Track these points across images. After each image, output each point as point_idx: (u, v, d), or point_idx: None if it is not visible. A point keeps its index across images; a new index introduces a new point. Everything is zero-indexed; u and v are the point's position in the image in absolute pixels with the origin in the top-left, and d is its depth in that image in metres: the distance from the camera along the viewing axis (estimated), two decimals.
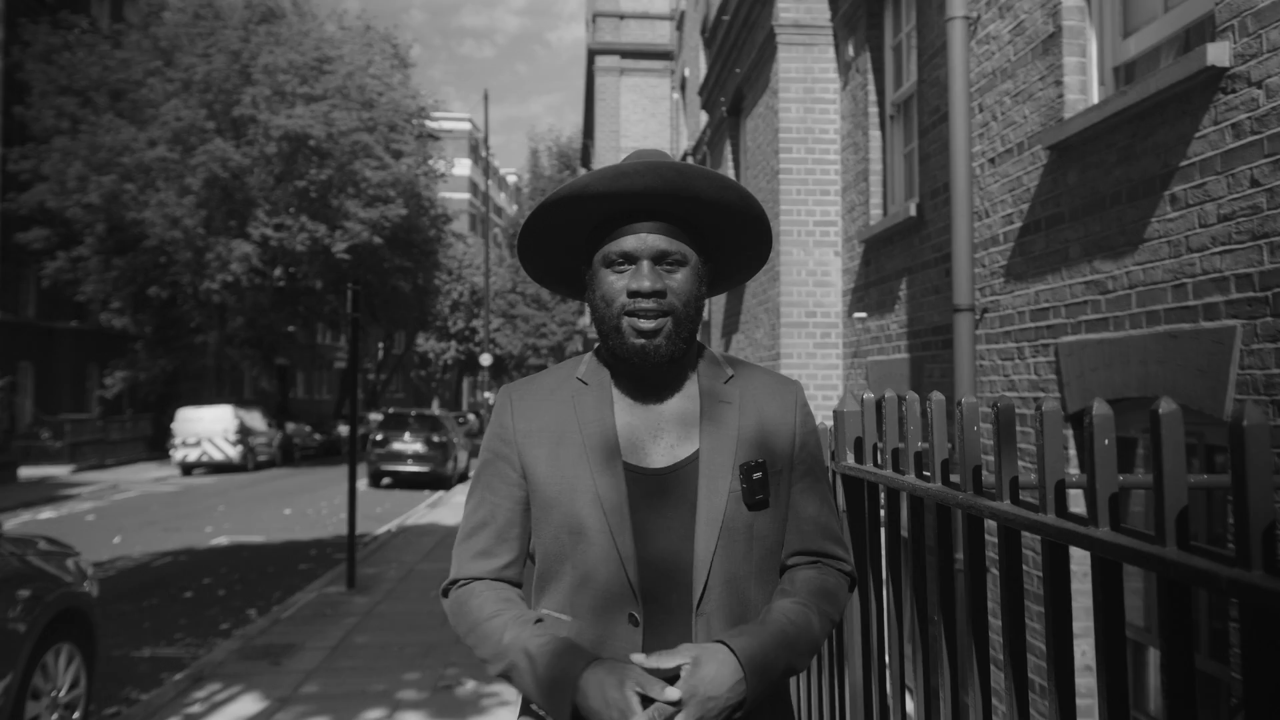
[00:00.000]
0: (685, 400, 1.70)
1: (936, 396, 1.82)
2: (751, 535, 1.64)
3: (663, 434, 1.68)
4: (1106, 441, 1.24)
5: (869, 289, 7.68)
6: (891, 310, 7.11)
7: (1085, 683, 4.48)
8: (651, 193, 1.61)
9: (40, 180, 26.98)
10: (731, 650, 1.49)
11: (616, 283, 1.63)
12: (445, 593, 1.76)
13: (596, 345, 1.77)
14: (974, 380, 5.31)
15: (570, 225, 1.70)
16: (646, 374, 1.67)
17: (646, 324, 1.59)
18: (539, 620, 1.63)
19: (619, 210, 1.64)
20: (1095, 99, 4.63)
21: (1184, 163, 3.72)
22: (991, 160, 5.40)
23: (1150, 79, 3.83)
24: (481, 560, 1.72)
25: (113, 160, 26.44)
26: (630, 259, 1.62)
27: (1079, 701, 4.37)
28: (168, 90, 27.09)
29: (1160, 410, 1.09)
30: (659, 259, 1.62)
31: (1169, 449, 1.09)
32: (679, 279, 1.63)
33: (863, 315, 7.79)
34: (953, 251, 5.39)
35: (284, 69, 27.39)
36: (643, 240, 1.62)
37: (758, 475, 1.65)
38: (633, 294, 1.60)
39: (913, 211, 6.49)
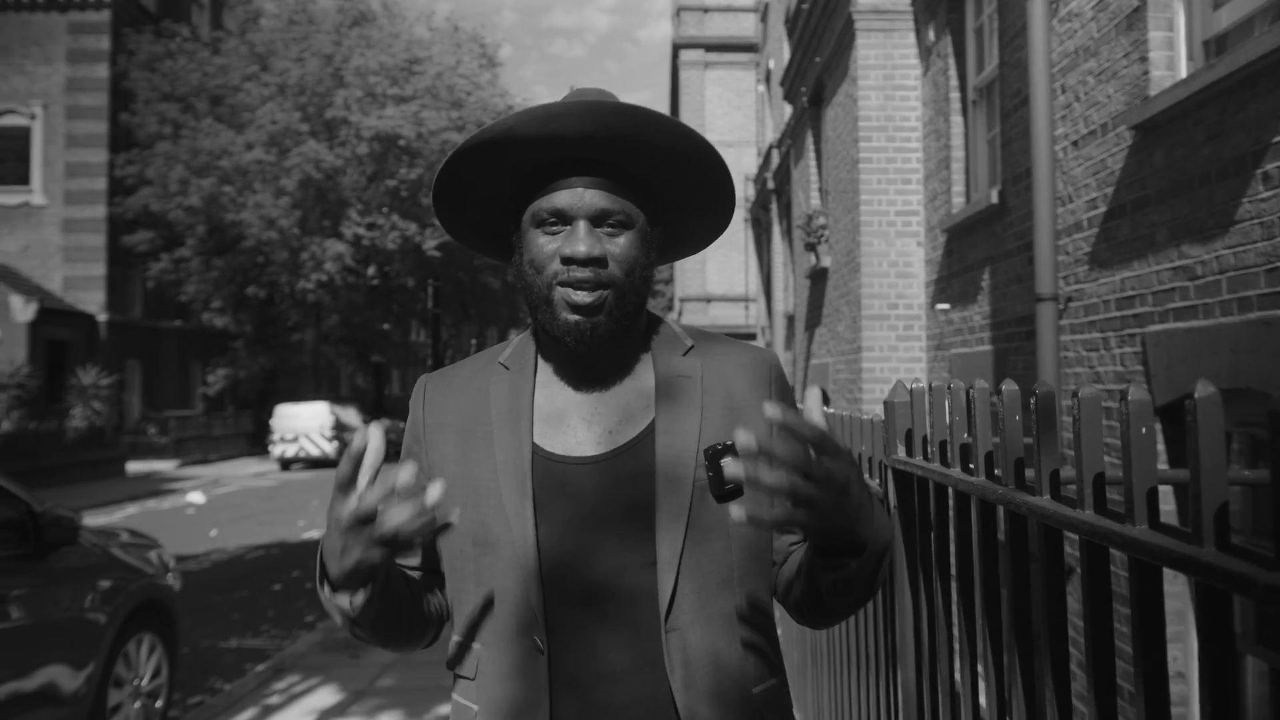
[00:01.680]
0: (633, 380, 1.46)
1: (979, 384, 1.71)
2: (727, 532, 1.39)
3: (600, 418, 1.43)
4: (1144, 430, 1.12)
5: (951, 279, 7.46)
6: (974, 301, 6.89)
7: (1177, 690, 4.27)
8: (589, 139, 1.36)
9: (145, 184, 27.99)
10: None
11: (547, 246, 1.37)
12: None
13: (531, 325, 1.52)
14: (1058, 372, 5.10)
15: (496, 176, 1.44)
16: (583, 354, 1.42)
17: (583, 297, 1.35)
18: None
19: (553, 160, 1.39)
20: (1183, 75, 4.39)
21: (1278, 138, 3.49)
22: (1074, 143, 5.17)
23: (1240, 50, 3.61)
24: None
25: (212, 164, 27.28)
26: (564, 218, 1.37)
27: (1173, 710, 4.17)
28: (263, 94, 27.81)
29: (1196, 394, 0.98)
30: (598, 219, 1.37)
31: (1206, 438, 0.97)
32: (622, 244, 1.38)
33: (945, 306, 7.58)
34: (1035, 239, 5.19)
35: (375, 71, 27.91)
36: (579, 196, 1.36)
37: (727, 460, 1.35)
38: (566, 260, 1.35)
39: (995, 199, 6.27)
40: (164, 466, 26.86)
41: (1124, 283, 4.66)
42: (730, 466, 1.21)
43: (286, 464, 27.15)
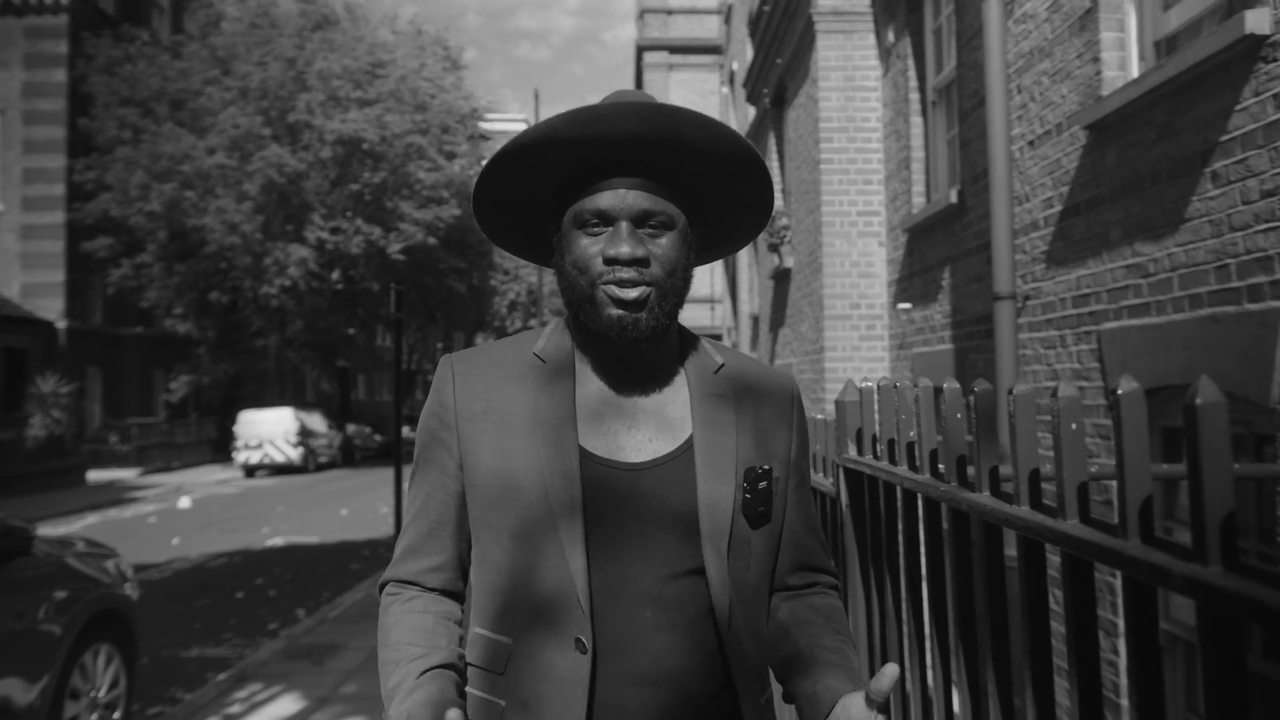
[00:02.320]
0: (667, 389, 1.47)
1: (923, 383, 1.72)
2: (750, 551, 1.42)
3: (639, 424, 1.43)
4: (1074, 426, 1.13)
5: (913, 279, 7.51)
6: (935, 300, 6.94)
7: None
8: (633, 140, 1.37)
9: (104, 190, 27.57)
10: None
11: (590, 247, 1.38)
12: (380, 591, 1.53)
13: (564, 316, 1.53)
14: (1016, 370, 5.14)
15: (537, 178, 1.46)
16: (622, 353, 1.43)
17: (627, 293, 1.35)
18: (426, 672, 1.38)
19: (594, 161, 1.40)
20: (1134, 75, 4.45)
21: (1225, 137, 3.54)
22: (1030, 143, 5.22)
23: (1188, 50, 3.66)
24: (409, 559, 1.49)
25: (173, 168, 26.93)
26: (607, 219, 1.38)
27: (1122, 702, 4.21)
28: (225, 98, 27.51)
29: (1120, 390, 0.98)
30: (640, 220, 1.38)
31: (1130, 432, 0.98)
32: (664, 244, 1.39)
33: (907, 306, 7.62)
34: (993, 238, 5.22)
35: (338, 74, 27.68)
36: (622, 198, 1.37)
37: (763, 485, 1.42)
38: (610, 261, 1.36)
39: (954, 198, 6.32)
40: (126, 475, 26.53)
41: (1080, 281, 4.71)
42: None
43: (251, 470, 26.92)
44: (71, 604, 4.97)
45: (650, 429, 1.44)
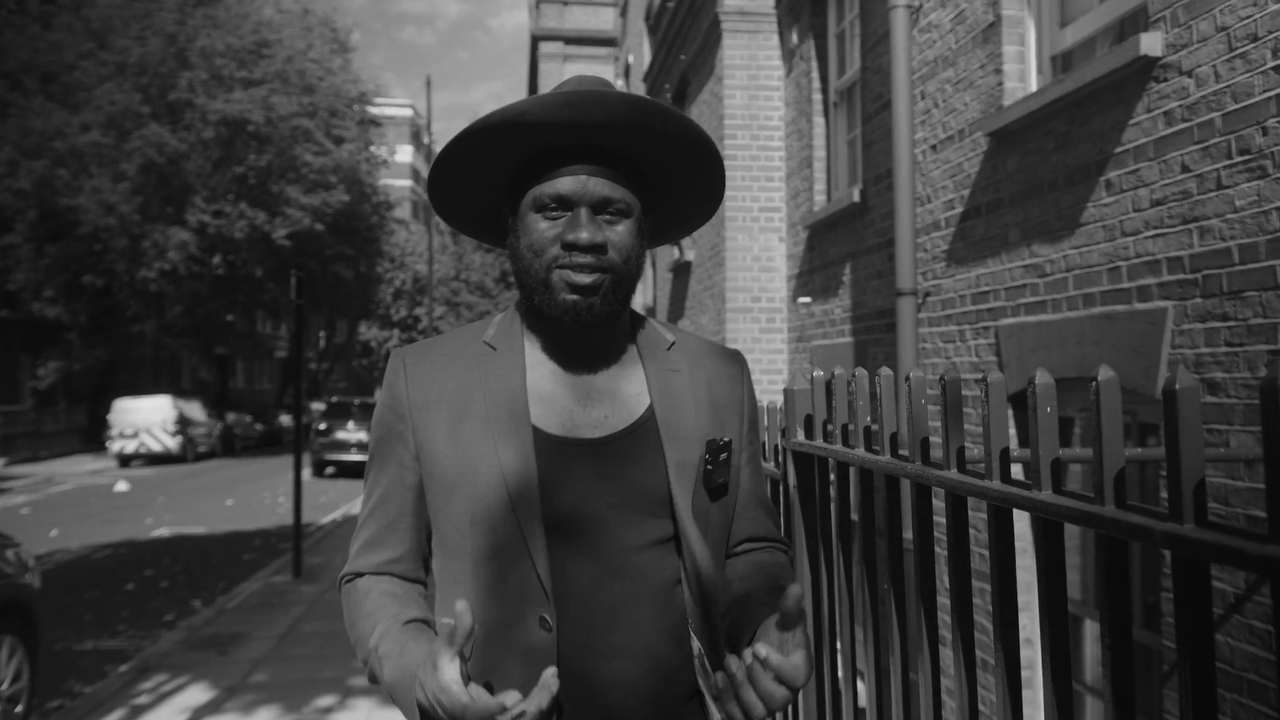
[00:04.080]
0: (620, 368, 1.49)
1: (885, 372, 1.88)
2: (708, 522, 1.45)
3: (593, 402, 1.45)
4: (1049, 409, 1.30)
5: (813, 274, 7.78)
6: (835, 295, 7.21)
7: (1025, 655, 4.61)
8: (600, 127, 1.39)
9: None
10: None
11: (548, 231, 1.40)
12: (340, 585, 1.55)
13: (515, 303, 1.54)
14: (916, 363, 5.42)
15: (496, 159, 1.46)
16: (575, 336, 1.45)
17: (583, 278, 1.37)
18: (410, 621, 1.41)
19: (556, 145, 1.41)
20: (1034, 87, 4.74)
21: (1119, 149, 3.83)
22: (933, 147, 5.50)
23: (1086, 67, 3.93)
24: (369, 552, 1.50)
25: (44, 145, 25.85)
26: (566, 204, 1.40)
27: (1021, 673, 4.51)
28: (101, 74, 26.54)
29: (1100, 378, 1.16)
30: (599, 207, 1.40)
31: (1107, 414, 1.15)
32: (620, 231, 1.41)
33: (807, 300, 7.89)
34: (896, 236, 5.48)
35: (221, 53, 26.98)
36: (583, 184, 1.39)
37: (724, 456, 1.46)
38: (568, 246, 1.38)
39: (856, 197, 6.58)
40: None
41: (979, 279, 4.99)
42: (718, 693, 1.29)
43: (126, 460, 26.04)
44: None
45: (606, 406, 1.46)
